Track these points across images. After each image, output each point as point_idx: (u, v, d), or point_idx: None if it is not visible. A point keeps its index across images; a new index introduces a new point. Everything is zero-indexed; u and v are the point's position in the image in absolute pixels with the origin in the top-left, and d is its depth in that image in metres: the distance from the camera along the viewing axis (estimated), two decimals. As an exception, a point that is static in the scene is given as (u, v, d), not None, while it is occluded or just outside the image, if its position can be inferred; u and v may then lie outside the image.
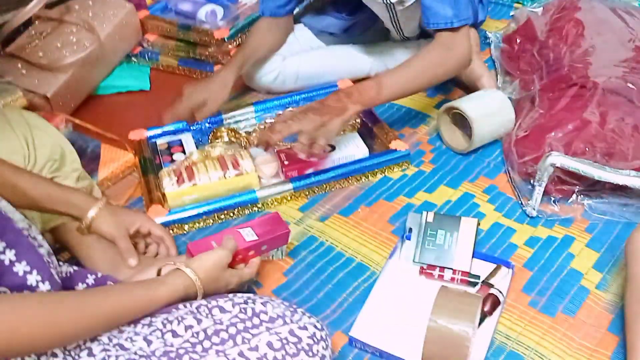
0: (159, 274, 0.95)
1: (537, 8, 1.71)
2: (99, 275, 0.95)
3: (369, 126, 1.46)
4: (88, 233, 1.03)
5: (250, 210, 1.31)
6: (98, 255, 1.08)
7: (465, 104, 1.38)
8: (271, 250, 1.14)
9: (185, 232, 1.27)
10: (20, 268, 0.76)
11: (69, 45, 1.65)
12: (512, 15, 1.85)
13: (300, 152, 1.26)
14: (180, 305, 0.88)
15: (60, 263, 0.93)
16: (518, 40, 1.64)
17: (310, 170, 1.35)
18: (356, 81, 1.59)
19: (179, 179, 1.27)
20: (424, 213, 1.20)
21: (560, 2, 1.62)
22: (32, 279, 0.77)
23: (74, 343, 0.76)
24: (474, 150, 1.42)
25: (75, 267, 0.94)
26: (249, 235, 1.04)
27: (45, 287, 0.78)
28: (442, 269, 1.12)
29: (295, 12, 1.75)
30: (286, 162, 1.34)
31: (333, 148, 1.38)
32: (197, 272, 0.89)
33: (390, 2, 1.37)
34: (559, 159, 1.19)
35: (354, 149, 1.39)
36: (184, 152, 1.42)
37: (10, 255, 0.76)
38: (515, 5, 1.98)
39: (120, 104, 1.74)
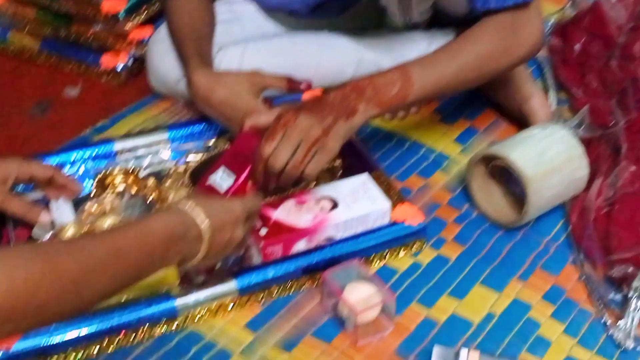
0: None
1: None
2: None
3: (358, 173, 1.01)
4: None
5: (164, 328, 0.89)
6: None
7: (515, 152, 0.96)
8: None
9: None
10: None
11: None
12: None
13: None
14: None
15: None
16: (582, 39, 1.23)
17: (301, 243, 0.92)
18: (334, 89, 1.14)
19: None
20: (463, 351, 0.81)
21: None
22: None
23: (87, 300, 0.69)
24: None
25: None
26: (224, 179, 0.92)
27: None
28: None
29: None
30: (263, 233, 0.91)
31: (335, 205, 0.94)
32: (203, 207, 0.77)
33: None
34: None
35: (368, 203, 0.95)
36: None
37: None
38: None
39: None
